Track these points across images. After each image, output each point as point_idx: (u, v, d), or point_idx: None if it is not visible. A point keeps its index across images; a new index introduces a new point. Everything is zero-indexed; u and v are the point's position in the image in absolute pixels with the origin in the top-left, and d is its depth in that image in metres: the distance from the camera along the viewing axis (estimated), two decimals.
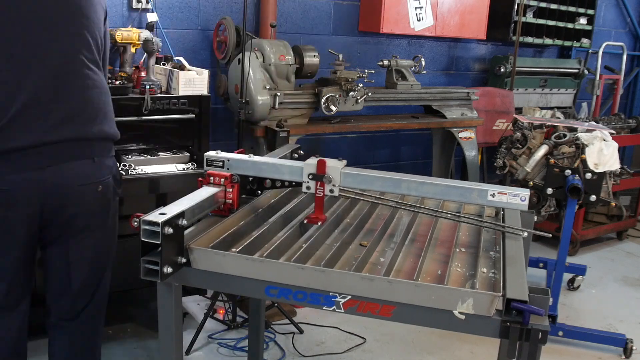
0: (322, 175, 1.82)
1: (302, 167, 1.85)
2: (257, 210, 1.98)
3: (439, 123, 4.26)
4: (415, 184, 1.81)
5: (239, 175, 1.89)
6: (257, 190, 1.99)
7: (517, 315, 1.45)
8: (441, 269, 1.73)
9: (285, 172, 1.89)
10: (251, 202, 2.01)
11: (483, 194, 1.76)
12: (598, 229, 5.00)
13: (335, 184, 1.83)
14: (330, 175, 1.82)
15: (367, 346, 3.24)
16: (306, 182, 1.85)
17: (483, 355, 3.22)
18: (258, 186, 1.97)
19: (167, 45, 3.59)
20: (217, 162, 1.92)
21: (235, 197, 1.86)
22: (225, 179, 1.86)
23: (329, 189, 1.83)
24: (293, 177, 1.88)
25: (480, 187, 1.77)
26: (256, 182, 1.96)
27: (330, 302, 1.56)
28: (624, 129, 4.86)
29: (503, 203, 1.76)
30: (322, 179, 1.82)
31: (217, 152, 1.94)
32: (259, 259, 1.62)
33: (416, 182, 1.81)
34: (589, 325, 3.56)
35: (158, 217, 1.51)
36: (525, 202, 1.74)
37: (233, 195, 1.86)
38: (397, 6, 4.28)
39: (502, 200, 1.75)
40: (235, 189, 1.86)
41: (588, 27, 5.56)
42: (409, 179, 1.81)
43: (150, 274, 1.53)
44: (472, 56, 5.26)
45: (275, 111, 3.44)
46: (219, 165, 1.92)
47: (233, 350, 3.11)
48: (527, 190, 1.76)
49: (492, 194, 1.75)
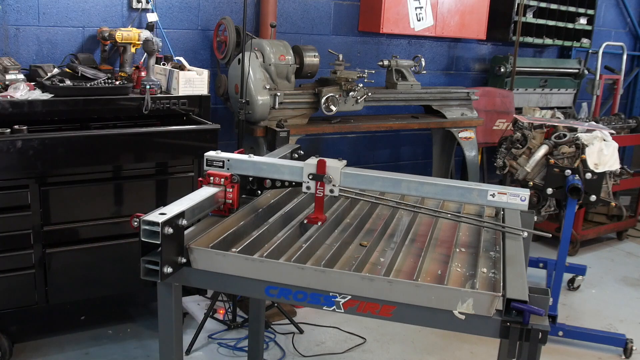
0: (322, 175, 1.82)
1: (302, 167, 1.85)
2: (257, 210, 1.98)
3: (439, 123, 4.26)
4: (416, 184, 1.81)
5: (239, 175, 1.89)
6: (257, 190, 1.99)
7: (517, 316, 1.45)
8: (441, 269, 1.73)
9: (285, 172, 1.89)
10: (251, 202, 2.01)
11: (483, 194, 1.77)
12: (598, 229, 4.99)
13: (335, 184, 1.83)
14: (331, 175, 1.82)
15: (367, 346, 3.24)
16: (306, 182, 1.85)
17: (483, 355, 3.22)
18: (258, 186, 1.97)
19: (167, 45, 3.59)
20: (217, 162, 1.92)
21: (235, 197, 1.87)
22: (225, 179, 1.86)
23: (329, 189, 1.84)
24: (293, 177, 1.88)
25: (480, 187, 1.77)
26: (256, 182, 1.96)
27: (330, 302, 1.56)
28: (624, 129, 4.85)
29: (503, 203, 1.77)
30: (322, 179, 1.82)
31: (217, 152, 1.94)
32: (259, 259, 1.62)
33: (416, 182, 1.81)
34: (589, 325, 3.56)
35: (158, 217, 1.51)
36: (525, 202, 1.75)
37: (233, 195, 1.86)
38: (397, 6, 4.28)
39: (502, 200, 1.76)
40: (235, 189, 1.86)
41: (588, 27, 5.56)
42: (409, 179, 1.81)
43: (150, 274, 1.53)
44: (472, 56, 5.26)
45: (275, 111, 3.44)
46: (219, 165, 1.92)
47: (233, 350, 3.11)
48: (527, 190, 1.76)
49: (492, 194, 1.75)
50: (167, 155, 2.93)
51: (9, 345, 2.77)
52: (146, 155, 2.87)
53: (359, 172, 1.85)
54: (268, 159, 1.98)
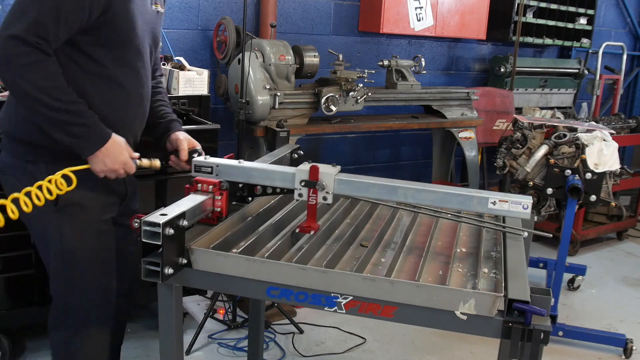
0: (315, 182, 1.74)
1: (294, 173, 1.76)
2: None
3: (439, 123, 4.26)
4: (413, 191, 1.72)
5: (229, 181, 1.80)
6: (248, 196, 1.88)
7: (518, 316, 1.45)
8: (442, 269, 1.73)
9: (276, 178, 1.80)
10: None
11: (483, 202, 1.68)
12: (598, 229, 4.99)
13: (329, 191, 1.74)
14: (324, 182, 1.73)
15: (367, 346, 3.24)
16: (298, 189, 1.76)
17: (483, 355, 3.22)
18: (249, 192, 1.87)
19: (167, 45, 3.59)
20: (205, 167, 1.83)
21: (224, 205, 1.77)
22: (213, 186, 1.76)
23: (322, 196, 1.75)
24: (285, 184, 1.79)
25: (481, 195, 1.69)
26: (247, 188, 1.86)
27: (331, 303, 1.56)
28: (624, 129, 4.85)
29: (504, 211, 1.69)
30: (314, 186, 1.74)
31: (206, 158, 1.86)
32: (260, 260, 1.62)
33: (413, 189, 1.72)
34: (589, 325, 3.56)
35: (159, 218, 1.51)
36: (527, 210, 1.67)
37: (222, 203, 1.77)
38: (397, 6, 4.28)
39: (503, 209, 1.68)
40: (224, 197, 1.77)
41: (588, 27, 5.56)
42: (406, 186, 1.73)
43: (151, 275, 1.53)
44: (472, 56, 5.26)
45: (275, 111, 3.44)
46: (207, 171, 1.83)
47: (233, 350, 3.11)
48: (529, 198, 1.68)
49: (493, 202, 1.67)
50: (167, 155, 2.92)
51: (9, 345, 2.77)
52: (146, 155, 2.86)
53: (354, 179, 1.75)
54: (259, 164, 1.88)
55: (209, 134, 2.91)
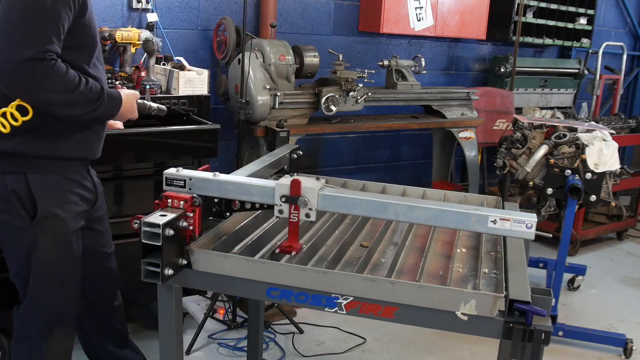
0: (296, 197, 1.58)
1: (274, 187, 1.61)
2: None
3: (439, 123, 4.26)
4: (405, 207, 1.56)
5: (203, 196, 1.64)
6: (226, 212, 1.73)
7: (519, 316, 1.45)
8: (443, 269, 1.73)
9: (254, 193, 1.64)
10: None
11: (482, 220, 1.53)
12: (598, 229, 4.99)
13: (312, 208, 1.58)
14: (306, 197, 1.58)
15: (367, 346, 3.24)
16: (278, 205, 1.60)
17: (483, 355, 3.22)
18: (226, 207, 1.71)
19: (167, 45, 3.58)
20: (177, 181, 1.67)
21: (197, 222, 1.61)
22: (185, 202, 1.60)
23: (305, 213, 1.59)
24: (264, 199, 1.64)
25: (480, 212, 1.54)
26: (224, 202, 1.70)
27: (332, 303, 1.56)
28: (624, 129, 4.85)
29: (506, 230, 1.53)
30: (296, 202, 1.58)
31: (178, 170, 1.70)
32: (260, 261, 1.61)
33: (405, 205, 1.57)
34: (589, 325, 3.56)
35: (159, 219, 1.50)
36: (531, 229, 1.51)
37: (194, 220, 1.61)
38: (397, 6, 4.27)
39: (504, 228, 1.52)
40: (197, 214, 1.61)
41: (588, 27, 5.56)
42: (397, 202, 1.58)
43: (151, 276, 1.53)
44: (472, 56, 5.26)
45: (275, 111, 3.43)
46: (179, 185, 1.66)
47: (233, 350, 3.11)
48: (534, 215, 1.54)
49: (494, 220, 1.52)
50: (167, 156, 2.92)
51: (9, 345, 2.77)
52: (146, 155, 2.87)
53: (339, 194, 1.61)
54: (235, 177, 1.72)
55: (209, 134, 2.91)
